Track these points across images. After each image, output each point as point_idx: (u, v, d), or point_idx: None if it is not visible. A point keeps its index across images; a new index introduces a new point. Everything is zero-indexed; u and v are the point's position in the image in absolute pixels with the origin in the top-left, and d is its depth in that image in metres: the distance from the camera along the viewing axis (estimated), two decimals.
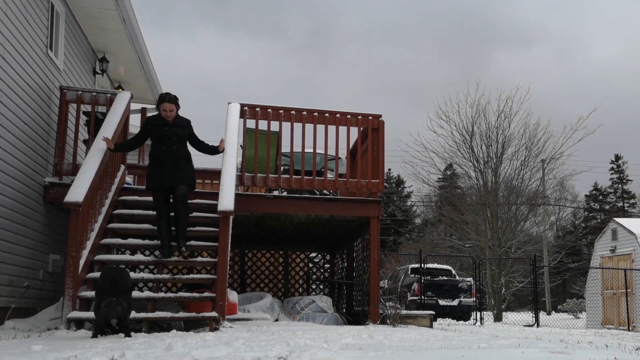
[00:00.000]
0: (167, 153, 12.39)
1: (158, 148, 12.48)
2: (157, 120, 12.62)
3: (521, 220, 47.27)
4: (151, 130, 12.64)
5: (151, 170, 12.46)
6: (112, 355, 6.42)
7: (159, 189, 12.38)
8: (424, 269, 30.16)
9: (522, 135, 45.27)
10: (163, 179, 12.30)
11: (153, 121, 12.72)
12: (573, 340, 11.81)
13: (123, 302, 9.55)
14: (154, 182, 12.37)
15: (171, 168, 12.33)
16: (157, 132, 12.51)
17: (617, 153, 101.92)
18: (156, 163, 12.41)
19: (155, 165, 12.42)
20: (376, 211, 14.90)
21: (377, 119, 15.09)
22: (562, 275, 68.55)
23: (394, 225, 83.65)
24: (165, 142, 12.43)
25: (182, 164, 12.51)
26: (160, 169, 12.33)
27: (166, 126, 12.47)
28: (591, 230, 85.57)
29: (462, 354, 6.20)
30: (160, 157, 12.41)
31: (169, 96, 12.51)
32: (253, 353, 6.56)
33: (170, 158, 12.37)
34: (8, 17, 12.12)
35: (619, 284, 31.37)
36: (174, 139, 12.49)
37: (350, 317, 16.18)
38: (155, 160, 12.45)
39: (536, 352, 6.32)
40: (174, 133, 12.51)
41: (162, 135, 12.45)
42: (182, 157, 12.56)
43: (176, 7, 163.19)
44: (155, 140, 12.59)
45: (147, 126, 12.80)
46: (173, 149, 12.45)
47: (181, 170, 12.44)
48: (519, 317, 34.08)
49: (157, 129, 12.53)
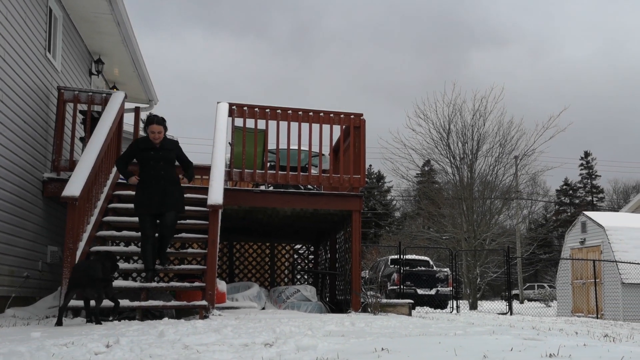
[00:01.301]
0: (156, 178, 11.95)
1: (146, 173, 12.04)
2: (145, 144, 12.19)
3: (495, 213, 47.27)
4: (137, 154, 12.21)
5: (139, 194, 12.04)
6: (107, 341, 6.44)
7: (147, 214, 11.95)
8: (403, 260, 30.16)
9: (496, 133, 45.24)
10: (151, 204, 11.87)
11: (140, 144, 12.28)
12: (544, 327, 11.90)
13: (93, 293, 9.65)
14: (142, 207, 11.95)
15: (159, 193, 11.88)
16: (144, 156, 12.08)
17: (586, 150, 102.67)
18: (144, 187, 11.99)
19: (143, 189, 12.00)
20: (358, 205, 14.94)
21: (359, 118, 15.13)
22: (534, 266, 68.74)
23: (375, 218, 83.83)
24: (152, 167, 12.00)
25: (170, 189, 12.04)
26: (148, 193, 11.90)
27: (153, 150, 12.06)
28: (562, 223, 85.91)
29: (439, 340, 6.24)
30: (147, 181, 11.97)
31: (157, 118, 12.15)
32: (241, 339, 6.59)
33: (159, 183, 11.92)
34: (8, 21, 12.11)
35: (588, 274, 31.46)
36: (161, 163, 12.05)
37: (333, 306, 16.21)
38: (142, 184, 12.02)
39: (509, 338, 6.36)
40: (161, 157, 12.07)
41: (149, 159, 12.03)
42: (170, 181, 12.09)
43: (164, 8, 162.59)
44: (142, 164, 12.15)
45: (134, 150, 12.29)
46: (161, 173, 12.00)
47: (169, 196, 11.98)
48: (493, 305, 34.10)
49: (144, 153, 12.09)
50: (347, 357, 5.01)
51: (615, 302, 29.65)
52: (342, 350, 5.58)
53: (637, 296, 29.16)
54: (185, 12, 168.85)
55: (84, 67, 17.90)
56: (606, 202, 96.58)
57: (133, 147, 12.35)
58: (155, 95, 21.68)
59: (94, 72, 18.54)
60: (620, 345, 6.40)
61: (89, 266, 9.99)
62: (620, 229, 31.18)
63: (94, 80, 18.78)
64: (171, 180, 12.12)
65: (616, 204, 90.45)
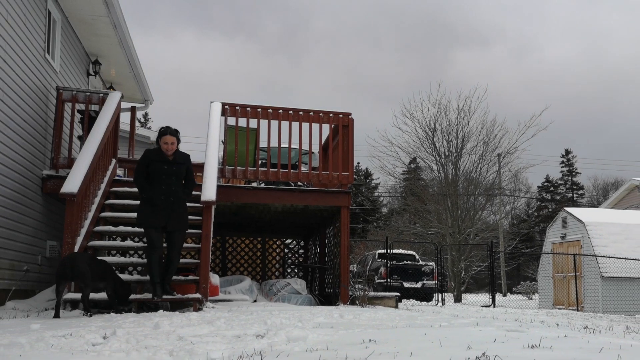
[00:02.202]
0: (166, 194, 11.10)
1: (156, 187, 11.12)
2: (157, 156, 11.28)
3: (479, 209, 47.37)
4: (149, 165, 11.20)
5: (146, 208, 11.12)
6: (104, 333, 6.45)
7: (154, 227, 11.03)
8: (390, 254, 30.20)
9: (480, 132, 45.35)
10: (158, 217, 10.98)
11: (152, 156, 11.30)
12: (527, 319, 11.90)
13: (79, 283, 9.71)
14: (149, 219, 11.04)
15: (167, 211, 11.06)
16: (156, 169, 11.16)
17: (567, 148, 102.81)
18: (152, 203, 11.09)
19: (151, 204, 11.09)
20: (346, 201, 14.95)
21: (347, 117, 15.13)
22: (516, 260, 68.74)
23: (363, 214, 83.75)
24: (164, 182, 11.12)
25: (179, 208, 11.26)
26: (157, 210, 11.02)
27: (166, 164, 11.18)
28: (543, 218, 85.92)
29: (425, 332, 6.25)
30: (157, 197, 11.09)
31: (170, 129, 11.35)
32: (233, 331, 6.61)
33: (168, 200, 11.11)
34: (9, 24, 12.11)
35: (568, 268, 31.52)
36: (173, 178, 11.22)
37: (322, 298, 16.22)
38: (151, 199, 11.12)
39: (493, 330, 6.38)
40: (174, 172, 11.24)
41: (161, 173, 11.16)
42: (178, 199, 11.25)
43: (156, 8, 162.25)
44: (153, 177, 11.19)
45: (146, 160, 11.23)
46: (172, 189, 11.17)
47: (178, 214, 11.20)
48: (477, 298, 34.12)
49: (156, 165, 11.17)
50: (336, 347, 5.02)
51: (595, 295, 29.71)
52: (331, 341, 5.59)
53: (616, 289, 29.24)
54: (177, 12, 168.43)
55: (82, 68, 17.89)
56: (586, 198, 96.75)
57: (146, 158, 11.31)
58: (151, 95, 21.67)
59: (91, 73, 18.52)
60: (599, 337, 6.43)
61: (74, 258, 10.02)
62: (599, 224, 31.25)
63: (91, 80, 18.76)
64: (179, 198, 11.34)
65: (596, 200, 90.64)
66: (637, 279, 29.26)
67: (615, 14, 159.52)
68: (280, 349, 5.21)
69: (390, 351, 4.61)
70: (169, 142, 11.23)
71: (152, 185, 11.17)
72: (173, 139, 11.28)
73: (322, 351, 4.83)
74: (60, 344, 5.75)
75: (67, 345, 5.67)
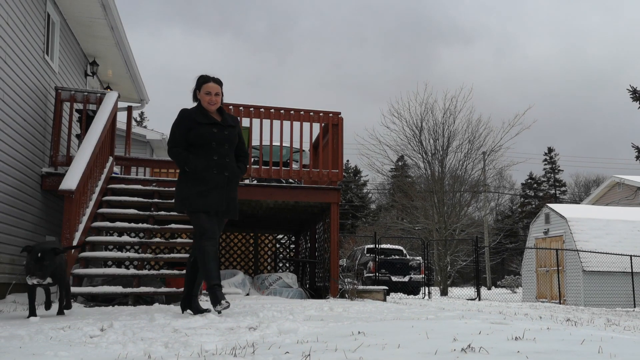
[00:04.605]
0: (219, 167, 8.08)
1: (206, 159, 8.05)
2: (201, 116, 8.16)
3: (464, 205, 47.47)
4: (193, 128, 8.09)
5: (192, 186, 8.05)
6: (101, 325, 6.45)
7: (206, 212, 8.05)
8: (378, 249, 30.27)
9: (466, 131, 45.50)
10: (211, 199, 8.02)
11: (194, 116, 8.15)
12: (511, 312, 11.95)
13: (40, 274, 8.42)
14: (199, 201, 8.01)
15: (223, 190, 8.11)
16: (202, 134, 8.07)
17: (549, 146, 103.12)
18: (201, 180, 8.04)
19: (199, 182, 8.05)
20: (336, 198, 14.97)
21: (337, 116, 15.14)
22: (501, 255, 68.91)
23: (352, 210, 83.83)
24: (215, 151, 8.08)
25: (234, 186, 8.35)
26: (209, 189, 8.03)
27: (215, 127, 8.13)
28: (527, 214, 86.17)
29: (413, 324, 6.26)
30: (207, 171, 8.05)
31: (212, 77, 8.29)
32: (227, 324, 6.60)
33: (222, 175, 8.10)
34: (9, 26, 12.08)
35: (551, 262, 31.60)
36: (225, 146, 8.17)
37: (313, 292, 16.23)
38: (198, 175, 8.05)
39: (478, 322, 6.38)
40: (226, 138, 8.19)
41: (210, 139, 8.08)
42: (235, 174, 8.28)
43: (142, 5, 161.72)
44: (198, 145, 8.10)
45: (187, 122, 8.11)
46: (226, 161, 8.14)
47: (234, 196, 8.31)
48: (462, 291, 34.21)
49: (202, 129, 8.09)
50: (326, 339, 5.03)
51: (576, 289, 29.79)
52: (322, 333, 5.60)
53: (597, 283, 29.35)
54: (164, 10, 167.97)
55: (80, 68, 17.85)
56: (568, 195, 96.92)
57: (185, 119, 8.14)
58: (147, 95, 21.65)
59: (89, 74, 18.49)
60: (581, 329, 6.45)
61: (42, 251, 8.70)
62: (581, 220, 31.35)
63: (89, 81, 18.73)
64: (235, 174, 8.33)
65: (578, 197, 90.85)
66: (618, 273, 29.37)
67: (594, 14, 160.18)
68: (272, 340, 5.21)
69: (378, 343, 4.62)
70: (213, 92, 8.17)
71: (201, 157, 8.08)
72: (217, 87, 8.24)
73: (313, 343, 4.84)
74: (59, 336, 5.75)
75: (66, 337, 5.67)
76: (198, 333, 5.85)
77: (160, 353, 4.60)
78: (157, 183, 14.03)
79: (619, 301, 28.64)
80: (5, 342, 5.36)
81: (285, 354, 4.28)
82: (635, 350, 4.34)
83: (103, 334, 5.92)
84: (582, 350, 4.20)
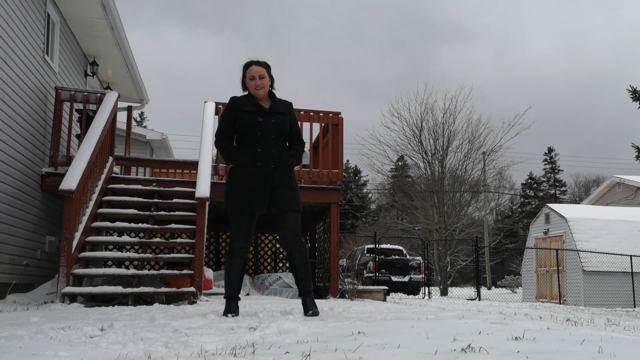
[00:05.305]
0: (264, 159, 7.45)
1: (251, 151, 7.49)
2: (249, 104, 7.61)
3: (464, 205, 47.50)
4: (239, 118, 7.58)
5: (235, 185, 7.61)
6: (101, 325, 6.44)
7: (248, 214, 7.66)
8: (378, 249, 30.33)
9: (466, 131, 45.55)
10: (252, 198, 7.49)
11: (241, 104, 7.63)
12: (511, 312, 11.95)
13: None
14: (238, 202, 7.57)
15: (267, 187, 7.46)
16: (247, 124, 7.52)
17: (549, 146, 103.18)
18: (245, 178, 7.52)
19: (243, 180, 7.54)
20: (336, 198, 14.97)
21: (337, 116, 15.14)
22: (501, 255, 68.95)
23: (352, 210, 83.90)
24: (259, 142, 7.48)
25: (285, 178, 7.62)
26: (250, 186, 7.48)
27: (261, 115, 7.52)
28: (527, 214, 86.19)
29: (412, 324, 6.25)
30: (250, 165, 7.49)
31: (257, 61, 7.70)
32: (227, 324, 6.60)
33: (267, 169, 7.47)
34: (9, 26, 12.08)
35: (551, 262, 31.63)
36: (272, 136, 7.54)
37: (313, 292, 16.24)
38: (244, 172, 7.54)
39: (478, 322, 6.37)
40: (273, 127, 7.56)
41: (254, 128, 7.51)
42: (283, 165, 7.59)
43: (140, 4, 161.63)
44: (243, 134, 7.60)
45: (234, 112, 7.63)
46: (272, 152, 7.50)
47: (284, 188, 7.56)
48: (462, 291, 34.25)
49: (247, 118, 7.54)
50: (326, 339, 5.02)
51: (576, 289, 29.82)
52: (322, 333, 5.59)
53: (597, 283, 29.38)
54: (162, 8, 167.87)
55: (80, 68, 17.85)
56: (568, 195, 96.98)
57: (233, 108, 7.66)
58: (147, 95, 21.63)
59: (89, 74, 18.49)
60: (581, 329, 6.44)
61: None
62: (581, 220, 31.38)
63: (89, 81, 18.73)
64: (284, 164, 7.62)
65: (578, 197, 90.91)
66: (618, 273, 29.40)
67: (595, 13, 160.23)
68: (272, 340, 5.21)
69: (378, 343, 4.61)
70: (257, 75, 7.58)
71: (247, 149, 7.56)
72: (262, 69, 7.63)
73: (313, 343, 4.83)
74: (59, 336, 5.74)
75: (66, 337, 5.67)
76: (198, 333, 5.84)
77: (160, 353, 4.60)
78: (157, 183, 14.02)
79: (619, 301, 28.67)
80: (5, 342, 5.35)
81: (285, 354, 4.27)
82: (635, 350, 4.33)
83: (103, 334, 5.92)
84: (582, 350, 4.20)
